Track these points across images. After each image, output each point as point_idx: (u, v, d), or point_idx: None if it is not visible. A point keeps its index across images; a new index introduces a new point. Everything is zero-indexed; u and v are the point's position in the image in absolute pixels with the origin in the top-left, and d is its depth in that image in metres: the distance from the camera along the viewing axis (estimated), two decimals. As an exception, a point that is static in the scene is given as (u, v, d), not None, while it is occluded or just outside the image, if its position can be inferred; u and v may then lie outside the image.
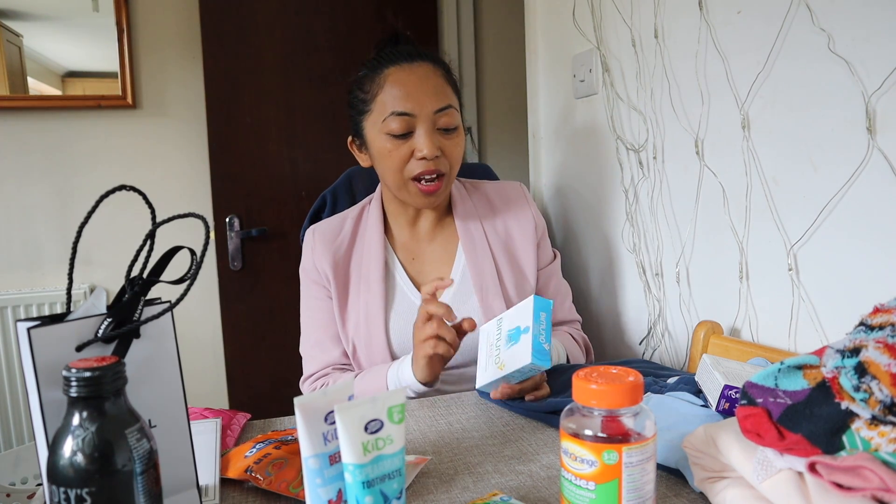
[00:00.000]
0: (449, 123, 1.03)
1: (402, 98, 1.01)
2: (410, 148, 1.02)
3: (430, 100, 1.01)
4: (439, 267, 1.12)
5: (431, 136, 1.01)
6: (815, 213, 0.85)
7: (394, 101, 1.01)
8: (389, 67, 1.04)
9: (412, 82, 1.02)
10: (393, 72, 1.03)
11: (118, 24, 2.05)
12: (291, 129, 2.06)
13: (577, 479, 0.50)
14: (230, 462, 0.70)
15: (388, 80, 1.03)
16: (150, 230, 0.56)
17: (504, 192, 1.19)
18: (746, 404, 0.53)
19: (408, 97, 1.01)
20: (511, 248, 1.14)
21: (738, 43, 0.96)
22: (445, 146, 1.03)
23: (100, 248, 2.07)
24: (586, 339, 1.17)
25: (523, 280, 1.13)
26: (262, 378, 2.07)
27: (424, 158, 1.01)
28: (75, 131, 2.08)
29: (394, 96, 1.01)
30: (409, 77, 1.02)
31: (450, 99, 1.04)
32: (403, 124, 1.01)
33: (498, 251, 1.13)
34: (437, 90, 1.03)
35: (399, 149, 1.02)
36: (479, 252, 1.11)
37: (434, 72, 1.04)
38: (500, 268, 1.11)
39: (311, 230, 1.14)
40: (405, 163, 1.03)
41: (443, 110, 1.02)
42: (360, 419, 0.52)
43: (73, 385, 0.46)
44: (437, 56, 1.09)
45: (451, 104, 1.03)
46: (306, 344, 1.12)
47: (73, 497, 0.45)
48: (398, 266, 1.11)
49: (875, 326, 0.51)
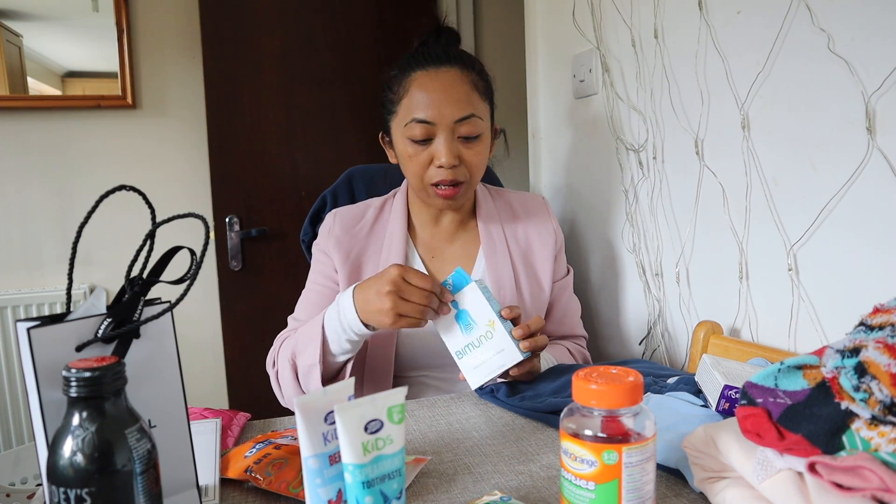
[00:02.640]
0: (470, 132, 1.03)
1: (424, 105, 1.01)
2: (430, 154, 1.03)
3: (452, 109, 1.01)
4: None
5: (450, 145, 1.01)
6: (815, 213, 0.85)
7: (416, 107, 1.02)
8: (417, 71, 1.04)
9: (436, 89, 1.01)
10: (419, 77, 1.03)
11: (118, 24, 2.05)
12: (291, 129, 2.06)
13: (577, 479, 0.50)
14: (230, 462, 0.70)
15: (413, 85, 1.03)
16: (150, 230, 0.56)
17: (526, 202, 1.20)
18: (746, 404, 0.53)
19: (430, 105, 1.01)
20: (529, 257, 1.15)
21: (738, 43, 0.96)
22: (465, 155, 1.03)
23: (100, 248, 2.07)
24: (587, 356, 1.16)
25: (539, 289, 1.13)
26: (262, 378, 2.05)
27: (442, 167, 1.02)
28: (75, 131, 2.08)
29: (417, 102, 1.02)
30: (433, 84, 1.02)
31: (473, 107, 1.03)
32: (424, 131, 1.01)
33: (517, 257, 1.13)
34: (461, 98, 1.02)
35: (419, 155, 1.03)
36: (500, 256, 1.12)
37: (461, 78, 1.03)
38: (518, 274, 1.12)
39: (332, 213, 1.15)
40: (425, 168, 1.04)
41: (464, 119, 1.02)
42: (359, 419, 0.52)
43: (72, 385, 0.46)
44: (469, 58, 1.08)
45: (475, 113, 1.03)
46: (296, 310, 1.14)
47: (72, 497, 0.45)
48: (418, 261, 1.12)
49: (875, 326, 0.51)
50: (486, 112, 1.07)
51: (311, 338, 0.95)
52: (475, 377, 0.88)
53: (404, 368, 1.10)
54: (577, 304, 1.21)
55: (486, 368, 0.87)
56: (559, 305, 1.17)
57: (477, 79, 1.06)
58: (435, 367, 1.09)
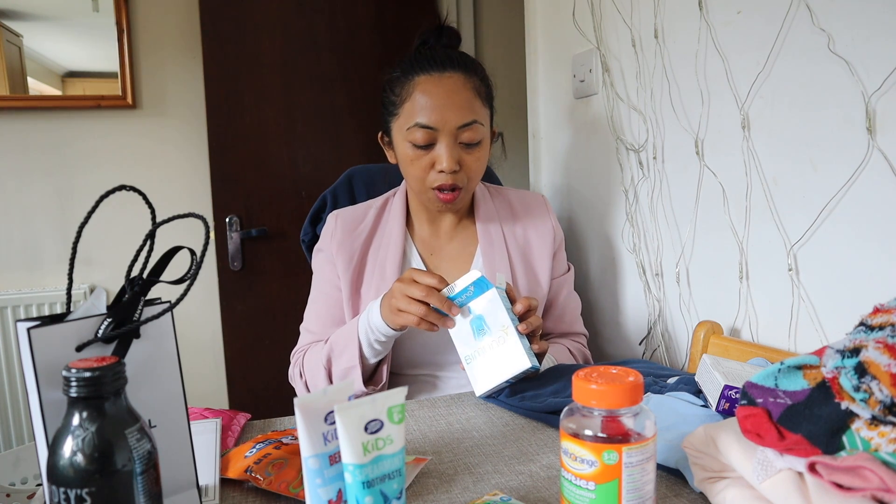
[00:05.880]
0: (471, 139, 1.03)
1: (427, 110, 1.01)
2: (432, 159, 1.03)
3: (455, 115, 1.01)
4: (457, 265, 1.13)
5: (451, 151, 1.02)
6: (815, 213, 0.85)
7: (419, 112, 1.02)
8: (420, 75, 1.04)
9: (439, 95, 1.02)
10: (422, 81, 1.03)
11: (118, 24, 2.05)
12: (291, 129, 2.06)
13: (577, 480, 0.50)
14: (230, 462, 0.70)
15: (416, 89, 1.03)
16: (150, 230, 0.56)
17: (526, 200, 1.21)
18: (746, 404, 0.53)
19: (433, 110, 1.01)
20: (528, 254, 1.15)
21: (738, 43, 0.96)
22: (465, 160, 1.04)
23: (100, 248, 2.07)
24: (587, 355, 1.17)
25: (537, 286, 1.14)
26: (262, 378, 2.07)
27: (443, 171, 1.02)
28: (75, 131, 2.08)
29: (420, 107, 1.02)
30: (436, 89, 1.02)
31: (475, 113, 1.03)
32: (426, 136, 1.02)
33: (515, 254, 1.14)
34: (464, 104, 1.02)
35: (421, 159, 1.03)
36: (497, 254, 1.12)
37: (465, 83, 1.04)
38: (516, 271, 1.12)
39: (333, 215, 1.15)
40: (426, 172, 1.04)
41: (466, 126, 1.02)
42: (360, 419, 0.52)
43: (73, 385, 0.46)
44: (471, 63, 1.08)
45: (477, 119, 1.03)
46: (305, 320, 1.15)
47: (72, 497, 0.45)
48: (417, 258, 1.13)
49: (875, 326, 0.51)
50: (486, 117, 1.08)
51: (346, 343, 0.99)
52: (482, 384, 0.87)
53: (401, 366, 1.10)
54: (578, 302, 1.21)
55: (493, 375, 0.86)
56: (558, 302, 1.17)
57: (479, 84, 1.06)
58: (432, 364, 1.09)
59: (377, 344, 0.97)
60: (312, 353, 1.06)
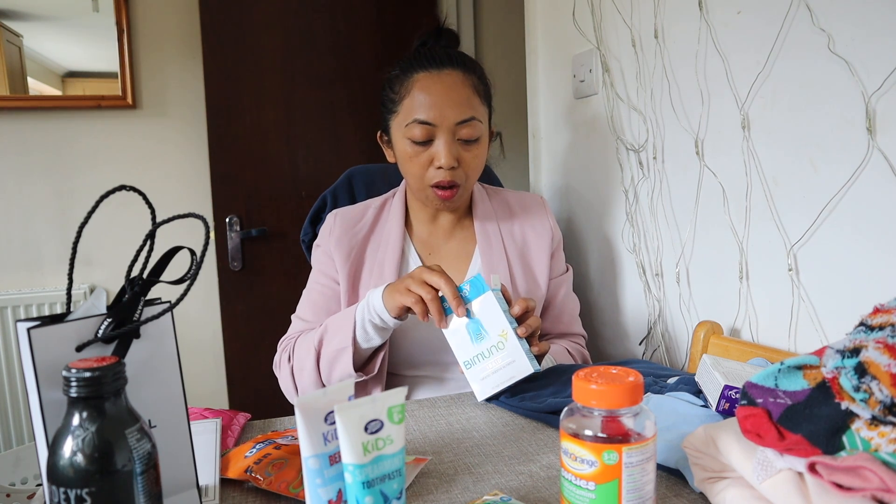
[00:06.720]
0: (470, 135, 1.04)
1: (425, 107, 1.02)
2: (430, 156, 1.04)
3: (454, 111, 1.02)
4: (456, 265, 1.13)
5: (450, 147, 1.02)
6: (815, 213, 0.85)
7: (418, 108, 1.02)
8: (419, 72, 1.04)
9: (438, 91, 1.02)
10: (421, 78, 1.04)
11: (118, 24, 2.05)
12: (291, 129, 2.06)
13: (577, 480, 0.50)
14: (230, 462, 0.70)
15: (415, 86, 1.04)
16: (150, 230, 0.56)
17: (524, 200, 1.21)
18: (746, 404, 0.53)
19: (432, 106, 1.02)
20: (526, 254, 1.15)
21: (738, 43, 0.96)
22: (464, 157, 1.05)
23: (100, 248, 2.07)
24: (586, 356, 1.16)
25: (535, 286, 1.14)
26: (262, 378, 2.06)
27: (441, 168, 1.03)
28: (75, 131, 2.08)
29: (419, 103, 1.02)
30: (435, 85, 1.03)
31: (474, 110, 1.04)
32: (425, 132, 1.02)
33: (513, 255, 1.14)
34: (463, 101, 1.03)
35: (420, 155, 1.04)
36: (495, 254, 1.12)
37: (463, 81, 1.04)
38: (514, 271, 1.12)
39: (332, 213, 1.16)
40: (425, 169, 1.05)
41: (465, 122, 1.03)
42: (360, 419, 0.52)
43: (73, 385, 0.46)
44: (470, 62, 1.09)
45: (475, 115, 1.04)
46: (298, 309, 1.15)
47: (73, 497, 0.45)
48: (415, 257, 1.13)
49: (875, 327, 0.51)
50: (485, 116, 1.08)
51: (341, 325, 0.99)
52: (483, 389, 0.87)
53: (401, 367, 1.10)
54: (576, 303, 1.21)
55: (494, 380, 0.86)
56: (556, 302, 1.17)
57: (478, 82, 1.07)
58: (432, 365, 1.09)
59: (370, 326, 0.95)
60: (304, 339, 1.05)
